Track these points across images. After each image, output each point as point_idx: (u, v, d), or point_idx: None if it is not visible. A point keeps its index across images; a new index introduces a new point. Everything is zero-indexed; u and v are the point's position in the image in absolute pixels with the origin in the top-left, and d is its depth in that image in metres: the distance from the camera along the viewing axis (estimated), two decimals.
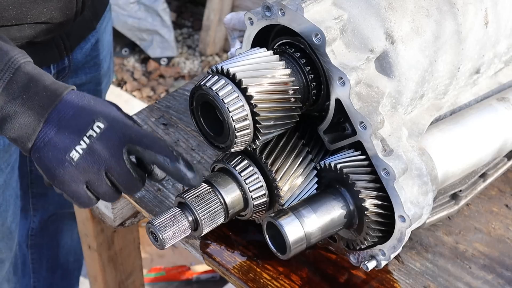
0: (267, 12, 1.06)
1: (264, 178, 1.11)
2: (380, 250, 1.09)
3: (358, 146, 1.05)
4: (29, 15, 1.24)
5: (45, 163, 1.03)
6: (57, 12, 1.27)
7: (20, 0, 1.20)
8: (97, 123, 1.02)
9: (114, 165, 1.02)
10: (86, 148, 1.01)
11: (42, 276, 1.94)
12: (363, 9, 1.03)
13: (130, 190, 1.04)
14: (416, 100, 1.10)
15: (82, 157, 1.01)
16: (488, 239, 1.23)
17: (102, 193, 1.04)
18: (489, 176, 1.27)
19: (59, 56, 1.42)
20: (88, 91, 1.58)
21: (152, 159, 1.01)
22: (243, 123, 1.00)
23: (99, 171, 1.02)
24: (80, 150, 1.01)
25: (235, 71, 1.00)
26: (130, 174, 1.02)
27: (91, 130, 1.02)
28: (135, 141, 1.01)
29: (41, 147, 1.03)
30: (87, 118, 1.03)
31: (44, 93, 1.03)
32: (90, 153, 1.01)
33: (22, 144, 1.04)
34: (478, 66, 1.17)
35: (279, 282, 1.15)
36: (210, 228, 1.10)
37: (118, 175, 1.02)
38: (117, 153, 1.01)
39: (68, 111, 1.03)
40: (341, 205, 1.06)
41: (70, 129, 1.02)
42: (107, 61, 1.66)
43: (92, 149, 1.01)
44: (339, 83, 1.01)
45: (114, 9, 3.60)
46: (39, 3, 1.23)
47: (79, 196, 1.04)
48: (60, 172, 1.02)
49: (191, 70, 3.77)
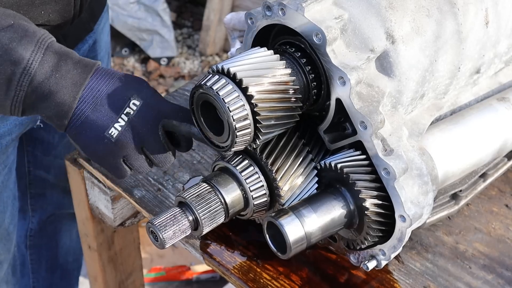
0: (268, 11, 1.06)
1: (264, 178, 1.11)
2: (381, 250, 1.09)
3: (359, 145, 1.05)
4: (27, 17, 1.22)
5: (83, 140, 1.07)
6: (55, 15, 1.27)
7: (18, 3, 1.20)
8: (133, 100, 1.06)
9: (151, 140, 1.07)
10: (124, 125, 1.06)
11: (41, 276, 1.94)
12: (363, 9, 1.03)
13: (164, 163, 1.11)
14: (417, 100, 1.10)
15: (121, 133, 1.06)
16: (488, 239, 1.23)
17: (137, 166, 1.10)
18: (489, 176, 1.27)
19: None
20: None
21: (187, 130, 1.07)
22: (243, 123, 1.00)
23: (137, 147, 1.07)
24: (119, 127, 1.06)
25: (235, 71, 1.00)
26: (164, 149, 1.09)
27: (128, 107, 1.06)
28: (170, 116, 1.08)
29: (77, 124, 1.06)
30: (122, 95, 1.07)
31: (75, 70, 1.06)
32: (129, 130, 1.06)
33: (59, 122, 1.07)
34: (479, 66, 1.17)
35: (279, 282, 1.15)
36: (210, 228, 1.10)
37: (153, 150, 1.08)
38: (153, 129, 1.07)
39: (101, 88, 1.06)
40: (342, 205, 1.06)
41: (107, 106, 1.06)
42: (105, 62, 1.66)
43: (131, 126, 1.06)
44: (339, 83, 1.01)
45: (114, 9, 3.60)
46: (37, 6, 1.23)
47: (116, 170, 1.10)
48: (100, 148, 1.07)
49: (191, 70, 3.77)
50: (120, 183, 1.32)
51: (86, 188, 1.41)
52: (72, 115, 1.06)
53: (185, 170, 1.35)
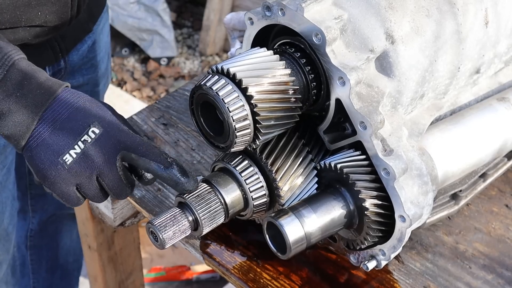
0: (267, 12, 1.06)
1: (264, 178, 1.11)
2: (380, 250, 1.09)
3: (358, 146, 1.05)
4: (24, 18, 1.23)
5: (36, 163, 1.03)
6: (52, 16, 1.26)
7: (14, 4, 1.19)
8: (92, 128, 1.02)
9: (107, 171, 1.02)
10: (80, 152, 1.02)
11: (42, 276, 1.94)
12: (363, 9, 1.03)
13: (119, 196, 1.06)
14: (416, 100, 1.10)
15: (75, 161, 1.02)
16: (488, 239, 1.23)
17: (91, 195, 1.05)
18: (489, 176, 1.27)
19: (54, 58, 1.41)
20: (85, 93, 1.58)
21: (146, 166, 1.02)
22: (243, 123, 1.00)
23: (91, 176, 1.03)
24: (74, 154, 1.02)
25: (235, 71, 1.00)
26: (121, 181, 1.04)
27: (86, 135, 1.02)
28: (130, 148, 1.02)
29: (33, 146, 1.02)
30: (83, 121, 1.03)
31: (38, 90, 1.03)
32: (84, 158, 1.02)
33: (15, 142, 1.03)
34: (478, 66, 1.17)
35: (279, 282, 1.15)
36: (210, 228, 1.10)
37: (109, 181, 1.03)
38: (110, 159, 1.02)
39: (63, 112, 1.03)
40: (341, 205, 1.06)
41: (65, 131, 1.02)
42: (105, 62, 1.65)
43: (86, 154, 1.02)
44: (339, 83, 1.01)
45: (114, 9, 3.60)
46: (33, 7, 1.22)
47: (68, 197, 1.05)
48: (52, 173, 1.02)
49: (191, 70, 3.77)
50: None
51: None
52: (29, 137, 1.02)
53: None
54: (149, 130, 1.43)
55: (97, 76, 1.62)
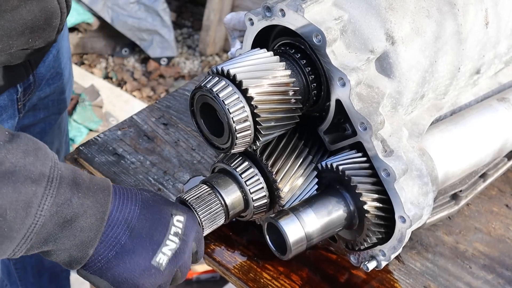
0: (268, 12, 1.06)
1: (264, 180, 1.11)
2: (381, 251, 1.09)
3: (359, 146, 1.05)
4: (15, 45, 1.17)
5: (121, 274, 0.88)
6: (40, 40, 1.22)
7: (8, 34, 1.13)
8: (176, 217, 0.92)
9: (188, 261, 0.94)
10: (175, 248, 0.90)
11: (29, 282, 1.85)
12: (363, 10, 1.03)
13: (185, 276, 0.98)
14: (417, 101, 1.10)
15: (171, 260, 0.90)
16: (488, 239, 1.23)
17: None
18: (489, 176, 1.27)
19: (26, 75, 1.34)
20: (52, 102, 1.53)
21: None
22: (243, 124, 1.00)
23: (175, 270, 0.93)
24: (168, 251, 0.90)
25: (235, 72, 1.00)
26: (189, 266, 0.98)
27: (173, 226, 0.91)
28: None
29: (112, 256, 0.87)
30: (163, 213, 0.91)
31: (95, 187, 0.88)
32: (179, 254, 0.91)
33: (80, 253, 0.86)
34: (479, 67, 1.17)
35: (280, 282, 1.15)
36: (210, 230, 1.10)
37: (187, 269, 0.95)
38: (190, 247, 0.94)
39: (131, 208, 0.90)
40: (342, 206, 1.06)
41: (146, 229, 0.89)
42: (68, 68, 1.60)
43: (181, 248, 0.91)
44: (339, 84, 1.01)
45: (114, 9, 3.60)
46: (26, 35, 1.17)
47: None
48: (145, 282, 0.89)
49: (191, 70, 3.77)
50: (120, 182, 1.32)
51: None
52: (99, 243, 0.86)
53: (185, 170, 1.35)
54: (149, 130, 1.43)
55: (63, 83, 1.56)
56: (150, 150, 1.39)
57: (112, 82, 3.68)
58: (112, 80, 3.69)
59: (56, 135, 1.64)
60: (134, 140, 1.41)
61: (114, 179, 1.32)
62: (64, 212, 0.83)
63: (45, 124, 1.57)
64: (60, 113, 1.61)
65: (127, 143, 1.40)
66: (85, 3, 3.59)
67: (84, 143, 1.40)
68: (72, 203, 0.84)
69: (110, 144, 1.39)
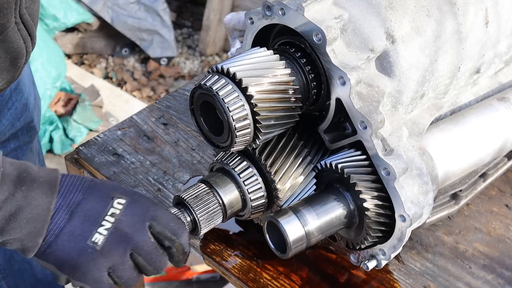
0: (268, 11, 1.06)
1: (262, 179, 1.11)
2: (381, 250, 1.09)
3: (359, 145, 1.05)
4: None
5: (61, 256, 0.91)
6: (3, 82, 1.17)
7: None
8: (117, 200, 0.94)
9: (141, 242, 0.94)
10: (111, 227, 0.92)
11: None
12: (363, 9, 1.03)
13: (158, 268, 0.97)
14: (417, 100, 1.10)
15: (107, 238, 0.92)
16: (488, 239, 1.23)
17: (125, 277, 0.94)
18: (489, 176, 1.27)
19: None
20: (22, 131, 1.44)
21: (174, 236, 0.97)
22: (243, 123, 1.00)
23: (125, 252, 0.93)
24: (104, 231, 0.92)
25: (235, 71, 1.00)
26: (158, 250, 0.96)
27: (111, 208, 0.93)
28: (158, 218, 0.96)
29: (51, 240, 0.91)
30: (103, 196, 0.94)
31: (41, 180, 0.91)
32: (116, 233, 0.92)
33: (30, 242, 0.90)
34: (479, 66, 1.17)
35: (279, 282, 1.15)
36: (208, 229, 1.10)
37: (146, 253, 0.94)
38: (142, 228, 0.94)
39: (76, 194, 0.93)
40: (342, 205, 1.06)
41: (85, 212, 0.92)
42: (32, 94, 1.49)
43: (118, 227, 0.92)
44: (339, 83, 1.01)
45: (114, 9, 3.60)
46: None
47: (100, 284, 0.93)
48: (83, 261, 0.91)
49: (191, 70, 3.77)
50: (120, 182, 1.31)
51: None
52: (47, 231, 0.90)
53: (185, 170, 1.35)
54: (149, 130, 1.43)
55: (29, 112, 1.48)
56: (150, 150, 1.39)
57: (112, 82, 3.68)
58: (112, 80, 3.69)
59: (29, 159, 1.56)
60: (134, 140, 1.41)
61: (114, 179, 1.32)
62: (8, 207, 0.88)
63: (17, 152, 1.50)
64: (31, 141, 1.54)
65: (127, 143, 1.40)
66: (85, 3, 3.59)
67: (84, 143, 1.40)
68: (15, 197, 0.88)
69: (110, 144, 1.39)
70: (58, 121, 3.16)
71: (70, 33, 3.69)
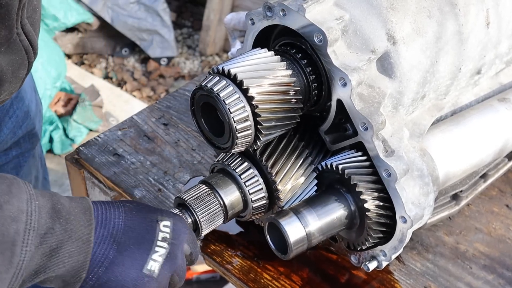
0: (269, 12, 1.06)
1: (263, 180, 1.11)
2: (381, 251, 1.09)
3: (359, 146, 1.05)
4: None
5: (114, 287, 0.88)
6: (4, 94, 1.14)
7: None
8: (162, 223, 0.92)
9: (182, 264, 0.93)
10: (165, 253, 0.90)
11: None
12: (364, 10, 1.03)
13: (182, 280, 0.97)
14: (418, 101, 1.10)
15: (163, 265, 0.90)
16: (488, 239, 1.23)
17: None
18: (490, 176, 1.27)
19: None
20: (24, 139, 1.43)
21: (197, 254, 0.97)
22: (244, 124, 1.00)
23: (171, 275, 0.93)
24: (159, 257, 0.90)
25: (236, 72, 1.00)
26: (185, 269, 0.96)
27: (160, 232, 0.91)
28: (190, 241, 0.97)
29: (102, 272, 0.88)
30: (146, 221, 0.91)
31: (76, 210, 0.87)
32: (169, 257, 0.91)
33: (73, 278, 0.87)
34: (479, 67, 1.17)
35: (280, 282, 1.15)
36: (209, 230, 1.10)
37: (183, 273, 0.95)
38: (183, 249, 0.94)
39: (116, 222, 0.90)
40: (343, 206, 1.06)
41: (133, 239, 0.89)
42: (34, 101, 1.48)
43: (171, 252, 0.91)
44: (340, 84, 1.01)
45: (114, 9, 3.60)
46: None
47: None
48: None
49: (191, 70, 3.76)
50: (120, 183, 1.32)
51: (86, 188, 1.41)
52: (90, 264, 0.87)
53: (185, 170, 1.35)
54: (150, 130, 1.43)
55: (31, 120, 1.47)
56: (150, 150, 1.39)
57: (112, 82, 3.68)
58: (112, 80, 3.69)
59: (32, 165, 1.55)
60: (134, 140, 1.41)
61: (114, 179, 1.32)
62: (49, 242, 0.83)
63: (19, 159, 1.49)
64: (34, 147, 1.52)
65: (127, 143, 1.40)
66: (85, 3, 3.59)
67: (84, 143, 1.40)
68: (55, 231, 0.83)
69: (110, 144, 1.39)
70: (58, 121, 3.16)
71: (70, 33, 3.69)
